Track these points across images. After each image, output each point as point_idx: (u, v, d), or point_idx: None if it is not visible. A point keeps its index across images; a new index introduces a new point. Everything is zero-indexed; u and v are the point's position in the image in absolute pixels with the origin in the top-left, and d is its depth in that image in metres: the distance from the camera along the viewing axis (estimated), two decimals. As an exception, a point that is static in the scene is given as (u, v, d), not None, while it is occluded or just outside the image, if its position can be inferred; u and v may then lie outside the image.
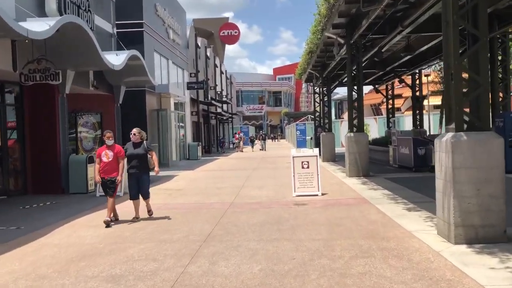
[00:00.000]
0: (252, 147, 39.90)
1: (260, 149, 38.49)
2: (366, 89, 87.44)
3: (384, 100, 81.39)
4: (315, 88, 28.70)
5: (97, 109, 16.67)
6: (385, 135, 27.16)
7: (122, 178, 8.98)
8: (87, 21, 13.31)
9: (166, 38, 23.21)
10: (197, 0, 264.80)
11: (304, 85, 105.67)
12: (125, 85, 17.21)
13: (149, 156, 8.92)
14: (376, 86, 28.44)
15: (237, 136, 40.19)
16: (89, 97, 16.19)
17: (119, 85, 16.83)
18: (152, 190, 13.17)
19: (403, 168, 16.33)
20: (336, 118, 49.87)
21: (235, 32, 72.12)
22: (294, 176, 11.06)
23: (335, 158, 22.70)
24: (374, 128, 35.96)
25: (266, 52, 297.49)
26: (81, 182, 12.58)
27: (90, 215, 9.36)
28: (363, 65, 20.71)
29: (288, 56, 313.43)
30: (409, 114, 44.08)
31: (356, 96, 14.72)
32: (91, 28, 13.38)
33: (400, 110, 63.22)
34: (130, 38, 18.81)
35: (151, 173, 9.15)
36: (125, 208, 9.61)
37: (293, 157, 11.19)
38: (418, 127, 22.69)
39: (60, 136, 12.78)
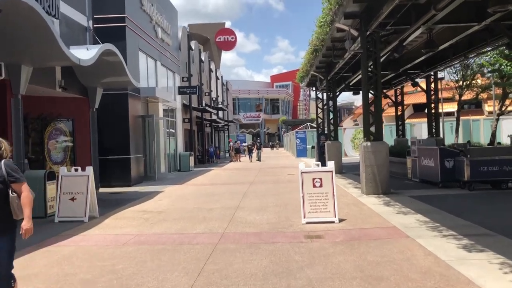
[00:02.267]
0: (250, 157, 35.63)
1: (257, 160, 34.86)
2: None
3: (386, 107, 79.37)
4: (317, 93, 26.39)
5: (69, 115, 14.30)
6: (395, 144, 24.88)
7: None
8: (49, 6, 10.98)
9: (153, 37, 20.92)
10: (193, 8, 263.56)
11: (302, 93, 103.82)
12: (102, 87, 14.84)
13: (12, 195, 4.10)
14: (384, 90, 26.14)
15: (231, 144, 37.73)
16: (58, 101, 13.83)
17: (94, 87, 14.46)
18: (126, 213, 10.84)
19: (426, 183, 13.98)
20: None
21: (232, 38, 70.18)
22: (303, 197, 8.68)
23: (342, 170, 20.35)
24: (380, 136, 33.60)
25: (263, 61, 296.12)
26: (38, 203, 10.13)
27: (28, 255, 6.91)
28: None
29: (285, 65, 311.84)
30: (415, 121, 41.89)
31: (372, 98, 12.41)
32: (54, 15, 11.05)
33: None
34: (110, 34, 16.47)
35: (129, 189, 6.64)
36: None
37: (302, 172, 8.82)
38: (434, 135, 20.41)
39: (13, 147, 10.36)
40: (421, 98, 62.57)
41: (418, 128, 32.42)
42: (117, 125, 16.93)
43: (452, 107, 48.92)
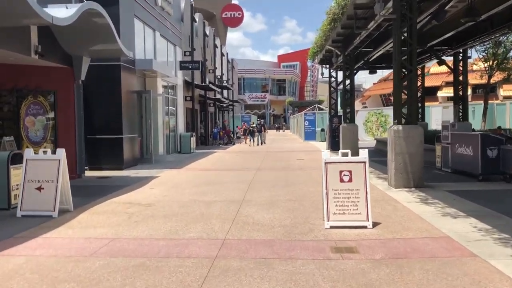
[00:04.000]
0: (253, 140, 30.95)
1: (257, 144, 30.56)
2: (375, 77, 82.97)
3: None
4: (331, 71, 24.30)
5: (50, 87, 12.38)
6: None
7: None
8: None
9: (152, 4, 18.84)
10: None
11: (309, 73, 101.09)
12: (89, 56, 12.91)
13: None
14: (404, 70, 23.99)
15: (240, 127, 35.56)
16: (37, 70, 11.91)
17: (80, 56, 12.53)
18: (108, 205, 8.99)
19: (461, 174, 12.07)
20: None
21: (239, 14, 67.61)
22: (327, 194, 6.80)
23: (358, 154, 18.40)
24: (395, 119, 31.52)
25: (270, 42, 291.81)
26: (0, 192, 8.32)
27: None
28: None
29: (292, 46, 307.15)
30: (427, 105, 39.77)
31: (406, 73, 10.40)
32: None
33: (412, 101, 59.12)
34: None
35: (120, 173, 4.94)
36: None
37: (326, 163, 6.92)
38: (461, 119, 18.39)
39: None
40: (432, 81, 60.49)
41: (436, 112, 30.28)
42: (108, 100, 15.04)
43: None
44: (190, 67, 24.06)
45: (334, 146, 23.17)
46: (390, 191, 9.81)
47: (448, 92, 58.22)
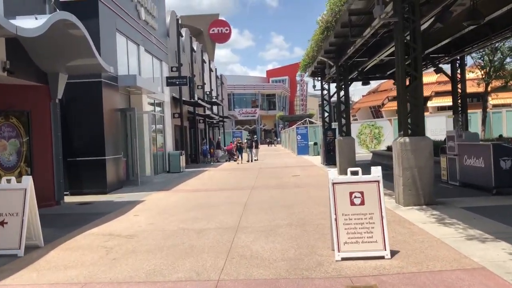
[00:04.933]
0: (241, 157, 28.53)
1: (247, 161, 28.74)
2: (364, 89, 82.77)
3: (386, 101, 76.88)
4: (323, 83, 23.54)
5: (23, 107, 11.36)
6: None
7: None
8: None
9: (135, 18, 17.98)
10: (188, 5, 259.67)
11: (298, 87, 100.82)
12: (66, 73, 11.95)
13: None
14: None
15: (232, 144, 34.17)
16: (8, 89, 10.90)
17: (55, 72, 11.56)
18: (85, 238, 7.75)
19: (471, 187, 11.21)
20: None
21: (226, 30, 67.18)
22: (336, 220, 5.85)
23: (356, 170, 17.52)
24: (389, 131, 30.86)
25: (258, 58, 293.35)
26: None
27: None
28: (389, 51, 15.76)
29: (280, 61, 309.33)
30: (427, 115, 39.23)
31: (411, 79, 9.57)
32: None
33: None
34: (79, 10, 13.54)
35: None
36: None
37: (334, 183, 5.98)
38: (461, 128, 17.61)
39: None
40: (425, 91, 60.12)
41: (429, 122, 29.59)
42: (89, 119, 14.04)
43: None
44: (177, 82, 23.16)
45: (329, 161, 22.32)
46: (399, 210, 8.88)
47: (439, 102, 58.10)
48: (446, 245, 6.10)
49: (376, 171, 5.98)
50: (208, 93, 37.70)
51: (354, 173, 6.06)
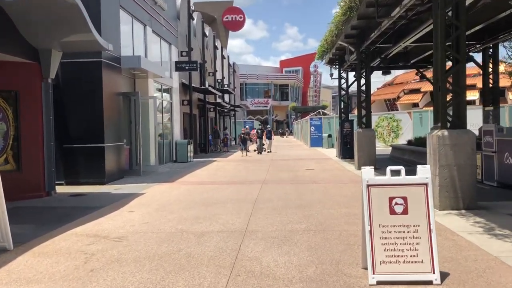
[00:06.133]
0: (243, 150, 26.01)
1: (258, 153, 26.94)
2: (379, 82, 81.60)
3: (401, 94, 75.02)
4: (341, 71, 22.13)
5: (10, 86, 10.21)
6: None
7: None
8: None
9: (142, -5, 16.73)
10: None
11: (312, 79, 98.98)
12: (60, 50, 10.77)
13: None
14: (421, 70, 21.84)
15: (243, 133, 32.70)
16: (-7, 66, 9.75)
17: (47, 49, 10.39)
18: (64, 239, 6.18)
19: (509, 188, 9.85)
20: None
21: (240, 18, 65.70)
22: (371, 232, 4.58)
23: (376, 165, 16.20)
24: (409, 124, 29.35)
25: (271, 48, 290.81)
26: None
27: None
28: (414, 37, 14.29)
29: (293, 52, 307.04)
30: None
31: (452, 63, 8.20)
32: None
33: (418, 106, 57.07)
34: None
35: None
36: None
37: (369, 185, 4.70)
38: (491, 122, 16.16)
39: None
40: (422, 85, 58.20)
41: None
42: (87, 103, 12.88)
43: (473, 95, 44.50)
44: (187, 68, 21.91)
45: (345, 154, 21.02)
46: (435, 215, 7.56)
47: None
48: (510, 267, 4.80)
49: (424, 171, 4.69)
50: (219, 81, 36.42)
51: (395, 173, 4.77)
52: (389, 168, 4.78)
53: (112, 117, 13.60)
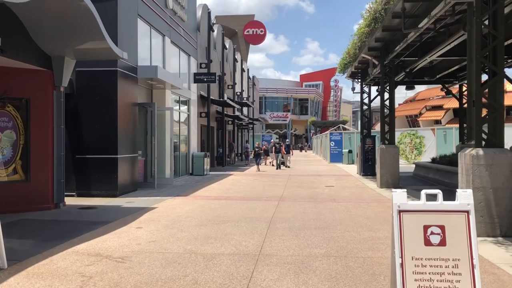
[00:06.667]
0: (258, 164, 25.23)
1: (276, 168, 25.69)
2: (401, 98, 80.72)
3: (423, 111, 73.84)
4: (363, 85, 21.50)
5: (21, 94, 9.93)
6: (458, 152, 19.81)
7: None
8: None
9: (161, 5, 16.48)
10: (224, 9, 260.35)
11: (332, 93, 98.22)
12: (73, 57, 10.48)
13: None
14: (447, 85, 21.07)
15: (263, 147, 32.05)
16: (3, 72, 9.49)
17: (60, 56, 10.11)
18: (63, 258, 5.50)
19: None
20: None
21: (261, 31, 65.70)
22: (402, 265, 3.96)
23: (399, 183, 15.46)
24: (432, 141, 28.41)
25: (292, 63, 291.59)
26: None
27: None
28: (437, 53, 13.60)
29: (314, 67, 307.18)
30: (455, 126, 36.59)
31: (488, 76, 7.55)
32: None
33: (441, 123, 55.80)
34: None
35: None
36: None
37: (400, 211, 4.10)
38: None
39: None
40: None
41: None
42: (101, 113, 12.55)
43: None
44: (205, 79, 21.59)
45: (366, 171, 20.28)
46: (469, 243, 6.85)
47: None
48: None
49: (465, 197, 4.06)
50: (238, 93, 36.11)
51: (432, 197, 4.15)
52: (424, 192, 4.16)
53: (126, 128, 13.25)
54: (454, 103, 53.65)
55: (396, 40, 14.13)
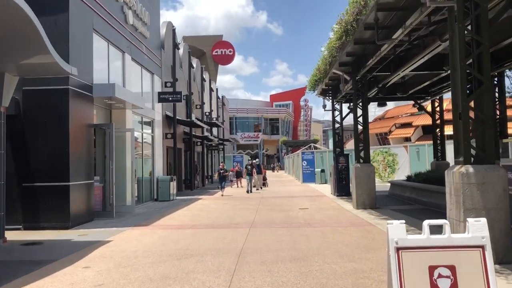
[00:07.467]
0: (221, 188, 22.40)
1: (247, 191, 23.57)
2: (370, 117, 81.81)
3: (392, 129, 74.68)
4: (334, 102, 20.94)
5: (-48, 115, 8.69)
6: (433, 169, 19.37)
7: None
8: None
9: (120, 20, 15.49)
10: (193, 31, 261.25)
11: (302, 113, 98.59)
12: (15, 73, 9.34)
13: None
14: (419, 101, 20.76)
15: (233, 169, 31.15)
16: None
17: (1, 72, 8.94)
18: None
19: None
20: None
21: (230, 52, 65.28)
22: (404, 320, 3.05)
23: (376, 204, 14.72)
24: (405, 159, 28.08)
25: (262, 84, 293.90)
26: None
27: None
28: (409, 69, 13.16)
29: (283, 88, 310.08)
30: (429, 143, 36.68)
31: (474, 85, 6.89)
32: None
33: (410, 140, 56.32)
34: (45, 1, 11.14)
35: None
36: None
37: (399, 248, 3.21)
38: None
39: None
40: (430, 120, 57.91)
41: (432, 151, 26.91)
42: (50, 136, 11.35)
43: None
44: (170, 98, 20.56)
45: (341, 191, 19.55)
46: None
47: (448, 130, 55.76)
48: None
49: (478, 228, 3.22)
50: (207, 114, 35.15)
51: (435, 228, 3.29)
52: (427, 223, 3.30)
53: (80, 152, 12.06)
54: (423, 120, 54.37)
55: (368, 54, 13.60)
